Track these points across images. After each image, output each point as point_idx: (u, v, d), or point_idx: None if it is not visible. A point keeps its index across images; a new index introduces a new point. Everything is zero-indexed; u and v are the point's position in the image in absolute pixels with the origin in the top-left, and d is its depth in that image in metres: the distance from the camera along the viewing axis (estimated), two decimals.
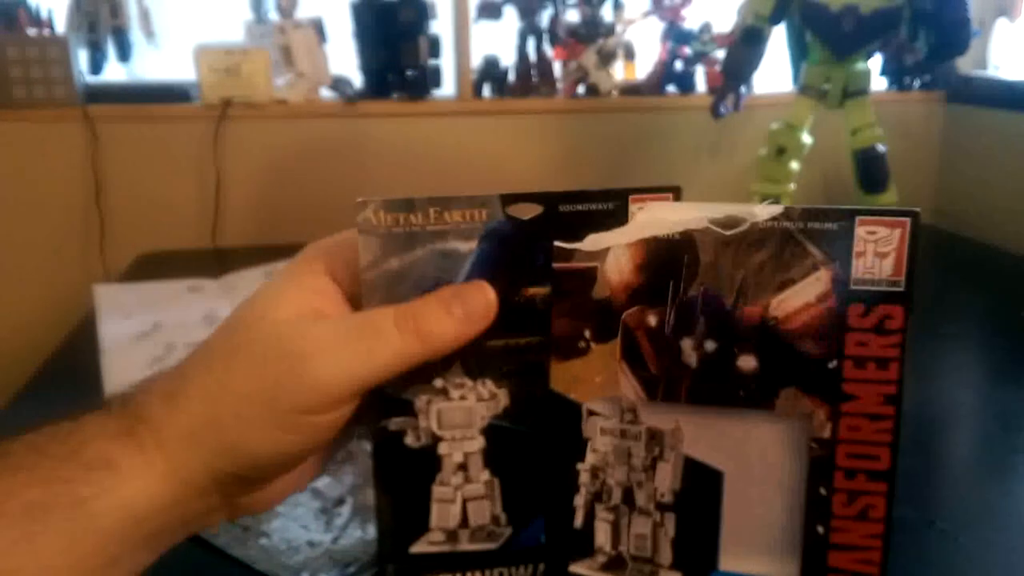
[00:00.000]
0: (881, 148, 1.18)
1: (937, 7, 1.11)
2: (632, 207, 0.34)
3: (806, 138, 1.20)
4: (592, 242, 0.33)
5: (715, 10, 1.57)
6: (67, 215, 1.42)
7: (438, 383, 0.34)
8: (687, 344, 0.32)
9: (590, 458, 0.34)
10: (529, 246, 0.33)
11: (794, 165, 1.21)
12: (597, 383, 0.33)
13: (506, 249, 0.33)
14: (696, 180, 1.61)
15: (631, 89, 1.58)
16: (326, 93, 1.49)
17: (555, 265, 0.33)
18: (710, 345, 0.32)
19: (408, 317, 0.30)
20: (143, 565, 0.30)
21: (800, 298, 0.31)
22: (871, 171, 1.18)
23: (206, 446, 0.29)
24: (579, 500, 0.34)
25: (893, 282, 0.30)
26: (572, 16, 1.55)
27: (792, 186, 1.22)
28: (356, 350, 0.29)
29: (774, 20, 1.19)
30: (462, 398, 0.34)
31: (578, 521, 0.34)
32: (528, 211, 0.33)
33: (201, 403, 0.29)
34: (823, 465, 0.31)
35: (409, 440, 0.34)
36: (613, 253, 0.32)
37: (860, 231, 0.30)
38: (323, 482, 0.62)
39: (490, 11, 1.51)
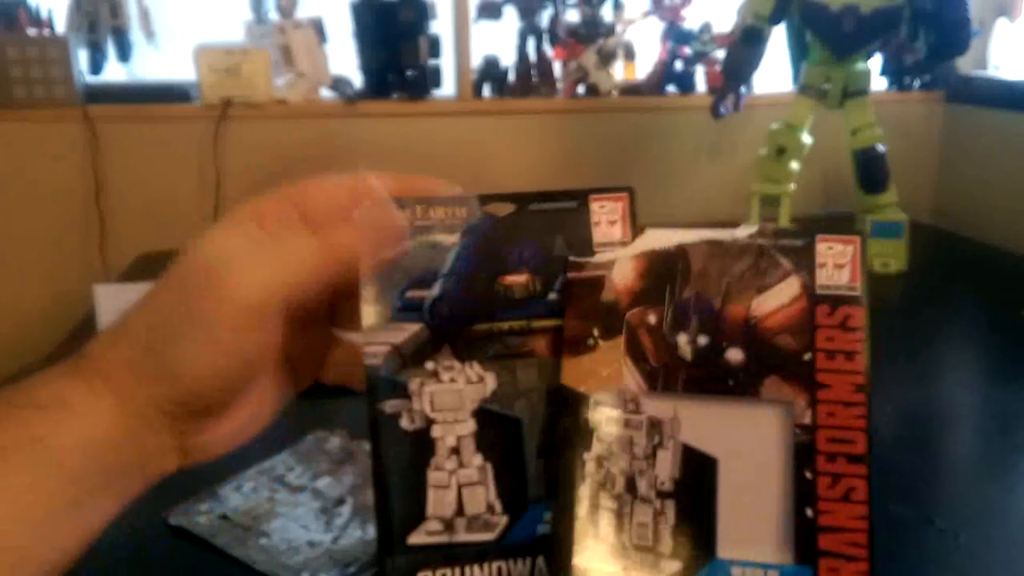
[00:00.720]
0: (881, 148, 1.18)
1: (937, 7, 1.11)
2: (593, 205, 0.38)
3: (806, 138, 1.20)
4: (601, 256, 0.37)
5: (715, 10, 1.57)
6: (67, 215, 1.42)
7: (429, 366, 0.36)
8: (682, 339, 0.36)
9: (595, 447, 0.36)
10: (506, 240, 0.37)
11: (794, 165, 1.21)
12: (604, 376, 0.36)
13: (485, 242, 0.36)
14: (696, 180, 1.61)
15: (631, 89, 1.58)
16: (326, 93, 1.49)
17: (568, 275, 0.37)
18: (702, 340, 0.36)
19: (317, 232, 0.32)
20: (108, 513, 0.31)
21: (776, 300, 0.36)
22: (871, 171, 1.19)
23: (147, 373, 0.30)
24: (584, 490, 0.36)
25: (851, 287, 0.35)
26: (572, 16, 1.56)
27: (792, 186, 1.22)
28: (268, 261, 0.31)
29: (774, 20, 1.19)
30: (452, 380, 0.36)
31: (582, 511, 0.36)
32: (503, 209, 0.37)
33: (139, 334, 0.31)
34: (806, 449, 0.35)
35: (404, 423, 0.36)
36: (619, 264, 0.37)
37: (821, 247, 0.36)
38: (323, 482, 0.62)
39: (490, 11, 1.51)
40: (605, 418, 0.36)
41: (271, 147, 1.47)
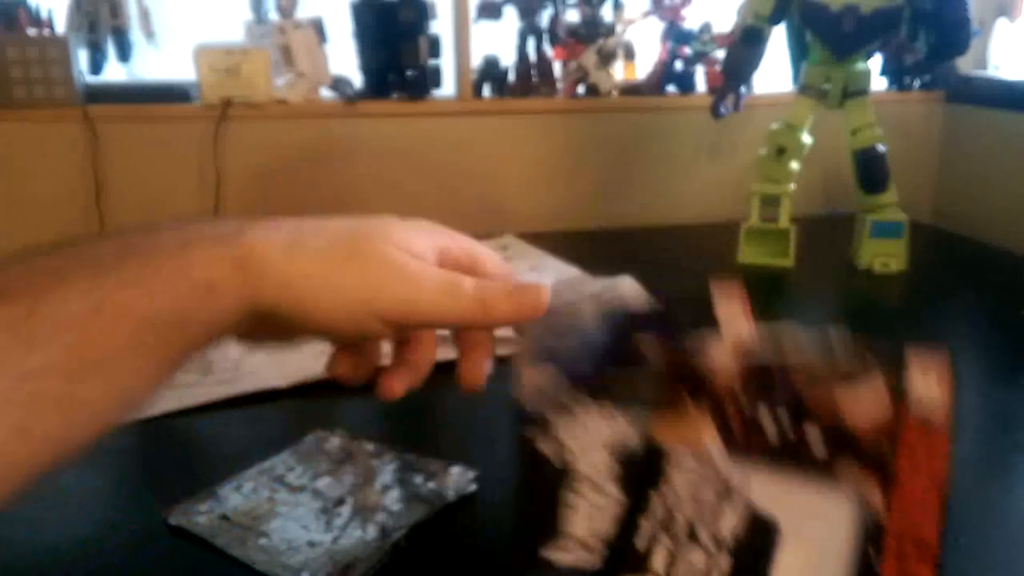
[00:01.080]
0: (881, 148, 1.18)
1: (937, 7, 1.11)
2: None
3: (806, 138, 1.21)
4: (702, 336, 0.40)
5: (715, 10, 1.57)
6: (67, 215, 1.42)
7: (568, 401, 0.40)
8: (764, 411, 0.38)
9: (664, 488, 0.39)
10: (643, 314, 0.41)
11: (794, 165, 1.21)
12: (684, 434, 0.39)
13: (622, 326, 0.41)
14: (696, 180, 1.61)
15: (631, 89, 1.58)
16: (326, 93, 1.49)
17: (668, 345, 0.40)
18: (783, 414, 0.38)
19: (483, 289, 0.38)
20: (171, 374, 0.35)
21: (861, 394, 0.37)
22: (871, 171, 1.19)
23: (295, 300, 0.35)
24: (646, 527, 0.39)
25: (937, 396, 0.36)
26: (572, 16, 1.55)
27: (792, 186, 1.22)
28: (443, 296, 0.37)
29: (774, 20, 1.19)
30: (589, 416, 0.40)
31: (640, 544, 0.38)
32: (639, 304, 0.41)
33: (315, 271, 0.36)
34: (875, 537, 0.36)
35: (544, 449, 0.40)
36: (715, 346, 0.39)
37: (909, 353, 0.36)
38: (323, 482, 0.62)
39: (490, 11, 1.51)
40: (679, 470, 0.39)
41: (271, 147, 1.47)
